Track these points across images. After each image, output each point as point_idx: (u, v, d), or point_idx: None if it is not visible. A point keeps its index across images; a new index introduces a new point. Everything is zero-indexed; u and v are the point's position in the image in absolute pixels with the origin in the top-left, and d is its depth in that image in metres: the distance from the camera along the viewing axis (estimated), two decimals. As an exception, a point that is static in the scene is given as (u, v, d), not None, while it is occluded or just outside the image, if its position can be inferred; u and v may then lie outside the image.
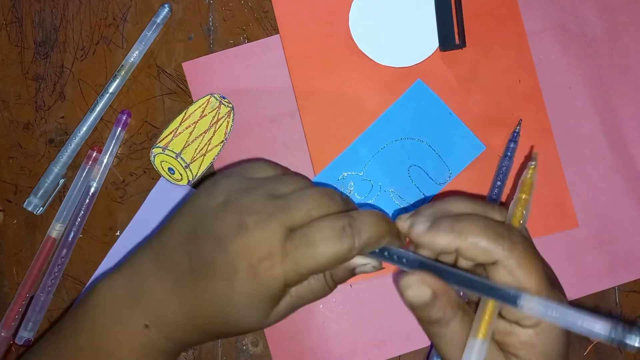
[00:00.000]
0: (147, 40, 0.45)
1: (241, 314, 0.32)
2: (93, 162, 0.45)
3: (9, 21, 0.47)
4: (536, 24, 0.45)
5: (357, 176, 0.45)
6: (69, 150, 0.45)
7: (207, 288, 0.31)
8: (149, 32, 0.45)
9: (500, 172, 0.44)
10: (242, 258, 0.30)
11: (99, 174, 0.45)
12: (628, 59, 0.46)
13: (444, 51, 0.45)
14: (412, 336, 0.45)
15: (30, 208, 0.45)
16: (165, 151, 0.45)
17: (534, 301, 0.29)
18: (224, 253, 0.31)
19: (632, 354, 0.45)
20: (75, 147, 0.45)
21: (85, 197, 0.45)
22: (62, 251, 0.45)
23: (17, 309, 0.44)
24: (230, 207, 0.32)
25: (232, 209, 0.32)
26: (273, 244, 0.30)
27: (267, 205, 0.31)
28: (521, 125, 0.44)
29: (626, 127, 0.45)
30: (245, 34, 0.46)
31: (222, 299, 0.31)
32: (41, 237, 0.46)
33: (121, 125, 0.45)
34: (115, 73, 0.45)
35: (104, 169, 0.45)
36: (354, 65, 0.45)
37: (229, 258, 0.31)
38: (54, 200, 0.46)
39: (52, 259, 0.45)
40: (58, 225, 0.45)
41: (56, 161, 0.45)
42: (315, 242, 0.30)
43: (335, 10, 0.45)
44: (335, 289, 0.34)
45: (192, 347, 0.43)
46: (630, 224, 0.45)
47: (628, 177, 0.45)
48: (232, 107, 0.45)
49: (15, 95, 0.47)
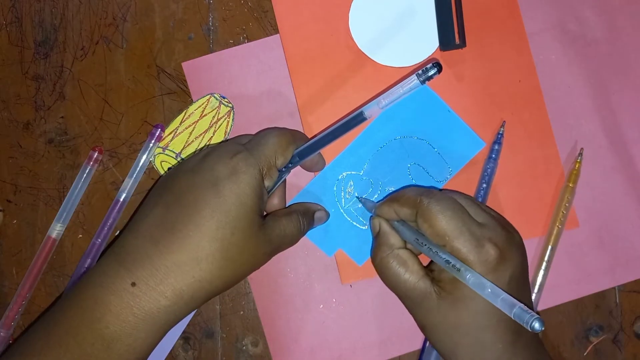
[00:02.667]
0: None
1: (236, 217, 0.35)
2: (94, 163, 0.45)
3: (9, 21, 0.47)
4: (536, 24, 0.45)
5: (357, 175, 0.45)
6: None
7: (195, 208, 0.35)
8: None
9: (485, 174, 0.44)
10: (216, 162, 0.36)
11: (129, 185, 0.45)
12: (628, 59, 0.46)
13: (444, 51, 0.45)
14: (412, 336, 0.45)
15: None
16: (166, 151, 0.45)
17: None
18: (200, 167, 0.37)
19: (631, 354, 0.45)
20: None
21: (114, 207, 0.45)
22: (86, 261, 0.45)
23: (17, 309, 0.44)
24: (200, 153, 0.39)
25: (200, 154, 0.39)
26: (237, 145, 0.38)
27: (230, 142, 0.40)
28: (505, 127, 0.45)
29: (626, 127, 0.45)
30: (245, 33, 0.46)
31: (214, 214, 0.35)
32: (41, 237, 0.46)
33: (155, 138, 0.45)
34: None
35: (134, 181, 0.45)
36: (354, 65, 0.45)
37: (206, 170, 0.36)
38: (54, 200, 0.46)
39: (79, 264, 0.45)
40: (58, 226, 0.45)
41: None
42: (267, 136, 0.39)
43: (335, 10, 0.45)
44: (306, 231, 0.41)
45: (190, 306, 0.36)
46: (630, 224, 0.45)
47: (628, 177, 0.45)
48: (232, 107, 0.45)
49: (15, 95, 0.47)
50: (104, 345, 0.33)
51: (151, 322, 0.34)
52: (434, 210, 0.36)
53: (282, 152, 0.39)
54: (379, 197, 0.44)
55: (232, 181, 0.36)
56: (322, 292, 0.45)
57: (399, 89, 0.36)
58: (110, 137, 0.46)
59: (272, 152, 0.38)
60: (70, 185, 0.46)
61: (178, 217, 0.35)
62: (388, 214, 0.40)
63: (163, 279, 0.34)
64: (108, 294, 0.34)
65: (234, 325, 0.46)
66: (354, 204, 0.44)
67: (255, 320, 0.45)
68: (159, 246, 0.34)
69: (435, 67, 0.35)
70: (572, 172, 0.44)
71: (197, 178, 0.36)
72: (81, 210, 0.46)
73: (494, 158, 0.44)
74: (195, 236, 0.34)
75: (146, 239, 0.35)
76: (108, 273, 0.35)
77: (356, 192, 0.44)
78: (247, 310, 0.46)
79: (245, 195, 0.36)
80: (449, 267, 0.35)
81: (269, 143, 0.38)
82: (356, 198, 0.44)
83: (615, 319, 0.45)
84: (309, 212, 0.42)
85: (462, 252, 0.35)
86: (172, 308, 0.34)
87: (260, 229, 0.37)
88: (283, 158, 0.39)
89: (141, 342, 0.34)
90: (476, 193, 0.44)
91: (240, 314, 0.46)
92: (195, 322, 0.46)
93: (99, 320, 0.33)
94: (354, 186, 0.44)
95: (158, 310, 0.34)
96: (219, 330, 0.46)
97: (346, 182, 0.44)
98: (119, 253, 0.36)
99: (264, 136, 0.39)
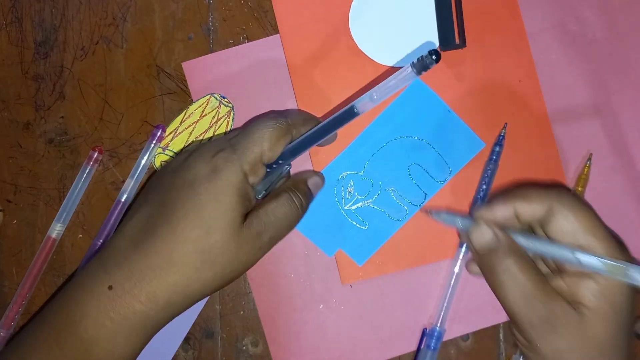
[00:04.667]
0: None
1: (211, 217, 0.34)
2: (94, 163, 0.45)
3: (9, 21, 0.47)
4: (536, 24, 0.45)
5: (357, 175, 0.45)
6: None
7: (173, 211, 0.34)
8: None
9: (485, 176, 0.44)
10: (197, 161, 0.35)
11: (130, 185, 0.45)
12: (628, 59, 0.46)
13: (444, 51, 0.45)
14: (412, 336, 0.45)
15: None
16: (166, 151, 0.45)
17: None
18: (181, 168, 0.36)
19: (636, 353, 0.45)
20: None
21: (116, 208, 0.45)
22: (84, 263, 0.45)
23: (17, 309, 0.44)
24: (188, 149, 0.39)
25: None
26: (222, 142, 0.37)
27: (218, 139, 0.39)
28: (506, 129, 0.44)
29: (626, 127, 0.45)
30: (245, 33, 0.46)
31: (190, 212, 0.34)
32: (41, 237, 0.46)
33: (156, 139, 0.45)
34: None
35: (135, 182, 0.45)
36: (354, 65, 0.45)
37: (186, 170, 0.35)
38: (54, 200, 0.46)
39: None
40: (58, 226, 0.45)
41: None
42: (257, 129, 0.36)
43: (335, 10, 0.45)
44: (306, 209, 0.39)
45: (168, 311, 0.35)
46: (631, 224, 0.45)
47: (628, 177, 0.45)
48: (232, 107, 0.45)
49: (15, 95, 0.47)
50: (83, 350, 0.33)
51: (128, 327, 0.33)
52: (578, 204, 0.31)
53: (271, 146, 0.36)
54: (379, 197, 0.44)
55: (209, 180, 0.34)
56: (322, 292, 0.45)
57: (392, 81, 0.34)
58: (110, 137, 0.46)
59: (258, 146, 0.36)
60: (70, 185, 0.46)
61: (157, 219, 0.34)
62: (504, 215, 0.34)
63: (137, 283, 0.33)
64: (87, 296, 0.33)
65: (234, 325, 0.46)
66: (354, 203, 0.44)
67: (255, 320, 0.45)
68: (138, 249, 0.34)
69: (433, 55, 0.31)
70: (581, 177, 0.44)
71: (177, 178, 0.36)
72: (81, 210, 0.46)
73: (494, 160, 0.44)
74: (169, 238, 0.33)
75: (127, 241, 0.35)
76: (90, 275, 0.35)
77: (357, 192, 0.44)
78: (247, 310, 0.46)
79: (223, 194, 0.34)
80: (608, 269, 0.30)
81: (255, 137, 0.36)
82: (427, 212, 0.40)
83: (615, 319, 0.45)
84: (300, 184, 0.39)
85: (608, 253, 0.31)
86: (147, 313, 0.33)
87: (244, 227, 0.35)
88: (271, 153, 0.36)
89: (120, 347, 0.33)
90: (476, 193, 0.44)
91: (240, 314, 0.46)
92: (195, 322, 0.46)
93: (78, 323, 0.33)
94: (354, 186, 0.44)
95: (134, 315, 0.33)
96: (219, 330, 0.46)
97: (346, 182, 0.44)
98: (102, 255, 0.35)
99: (250, 129, 0.37)
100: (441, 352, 0.45)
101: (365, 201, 0.44)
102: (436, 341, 0.43)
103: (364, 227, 0.44)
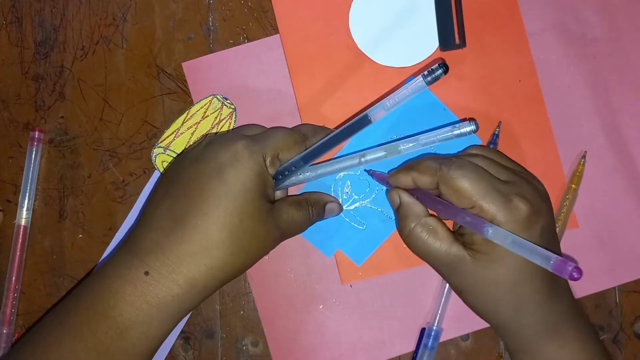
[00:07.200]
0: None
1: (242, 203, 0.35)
2: (38, 143, 0.46)
3: (9, 21, 0.47)
4: (536, 24, 0.45)
5: (354, 175, 0.45)
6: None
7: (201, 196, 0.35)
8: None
9: None
10: (218, 149, 0.37)
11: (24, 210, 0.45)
12: (628, 59, 0.46)
13: (444, 51, 0.45)
14: (412, 336, 0.45)
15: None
16: (167, 151, 0.45)
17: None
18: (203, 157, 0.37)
19: (631, 354, 0.45)
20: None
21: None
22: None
23: (11, 304, 0.44)
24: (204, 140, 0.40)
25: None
26: (238, 135, 0.38)
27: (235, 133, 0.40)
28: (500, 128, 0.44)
29: (626, 127, 0.45)
30: (245, 33, 0.46)
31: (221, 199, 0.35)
32: (40, 237, 0.46)
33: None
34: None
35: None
36: (354, 65, 0.45)
37: (209, 158, 0.37)
38: (54, 200, 0.46)
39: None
40: (24, 212, 0.45)
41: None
42: (274, 131, 0.40)
43: (335, 10, 0.45)
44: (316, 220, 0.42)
45: (203, 294, 0.36)
46: (630, 224, 0.45)
47: (628, 177, 0.45)
48: (234, 109, 0.45)
49: (15, 95, 0.47)
50: (118, 333, 0.34)
51: (164, 310, 0.35)
52: (456, 175, 0.36)
53: (288, 147, 0.39)
54: (377, 197, 0.44)
55: (234, 167, 0.36)
56: (322, 292, 0.45)
57: (405, 90, 0.36)
58: (110, 137, 0.46)
59: (277, 143, 0.38)
60: (71, 185, 0.46)
61: (186, 208, 0.35)
62: (405, 183, 0.39)
63: (175, 268, 0.34)
64: (122, 283, 0.35)
65: (234, 325, 0.46)
66: (351, 203, 0.44)
67: (255, 320, 0.45)
68: (170, 237, 0.35)
69: (442, 68, 0.35)
70: (575, 174, 0.44)
71: (201, 167, 0.37)
72: (81, 210, 0.46)
73: None
74: (204, 225, 0.35)
75: (157, 231, 0.36)
76: (121, 264, 0.35)
77: (354, 192, 0.44)
78: (247, 310, 0.46)
79: (250, 181, 0.36)
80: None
81: (276, 135, 0.39)
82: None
83: (615, 319, 0.45)
84: (320, 202, 0.42)
85: (491, 211, 0.35)
86: (185, 296, 0.35)
87: (269, 214, 0.37)
88: (287, 154, 0.39)
89: (154, 330, 0.35)
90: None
91: (240, 314, 0.46)
92: (195, 322, 0.46)
93: (113, 308, 0.34)
94: (351, 186, 0.44)
95: (172, 298, 0.34)
96: (219, 330, 0.46)
97: (344, 182, 0.44)
98: (131, 246, 0.36)
99: (272, 129, 0.40)
100: (441, 351, 0.45)
101: (362, 201, 0.44)
102: (433, 340, 0.43)
103: (361, 227, 0.44)
